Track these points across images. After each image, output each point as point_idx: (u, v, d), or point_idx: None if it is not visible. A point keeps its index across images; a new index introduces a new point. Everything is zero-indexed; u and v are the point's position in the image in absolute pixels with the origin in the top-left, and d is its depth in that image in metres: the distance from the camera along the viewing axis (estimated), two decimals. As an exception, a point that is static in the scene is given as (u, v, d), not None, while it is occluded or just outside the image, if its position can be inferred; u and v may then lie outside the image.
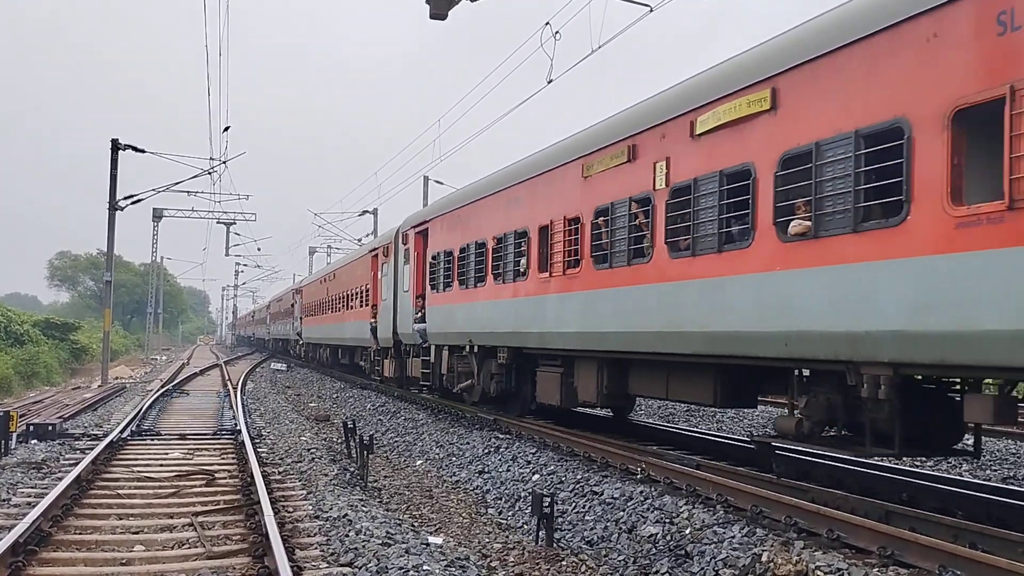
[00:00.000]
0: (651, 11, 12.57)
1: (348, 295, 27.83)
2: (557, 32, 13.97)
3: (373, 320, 23.13)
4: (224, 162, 31.64)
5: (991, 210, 5.50)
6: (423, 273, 17.92)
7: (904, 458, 10.52)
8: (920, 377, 7.01)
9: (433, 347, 17.27)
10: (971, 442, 7.62)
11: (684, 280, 8.67)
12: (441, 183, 33.28)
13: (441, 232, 16.87)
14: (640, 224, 9.52)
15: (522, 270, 12.64)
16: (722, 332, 8.11)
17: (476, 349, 14.74)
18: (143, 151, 28.83)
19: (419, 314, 17.91)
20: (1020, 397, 6.59)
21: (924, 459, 11.16)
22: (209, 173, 32.08)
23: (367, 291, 24.34)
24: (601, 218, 10.36)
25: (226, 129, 30.12)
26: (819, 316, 6.89)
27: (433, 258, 17.07)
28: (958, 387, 7.10)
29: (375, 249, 23.92)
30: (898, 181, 6.16)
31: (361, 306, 25.18)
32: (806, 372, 7.81)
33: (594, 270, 10.52)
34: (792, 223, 7.19)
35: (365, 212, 47.91)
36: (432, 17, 9.66)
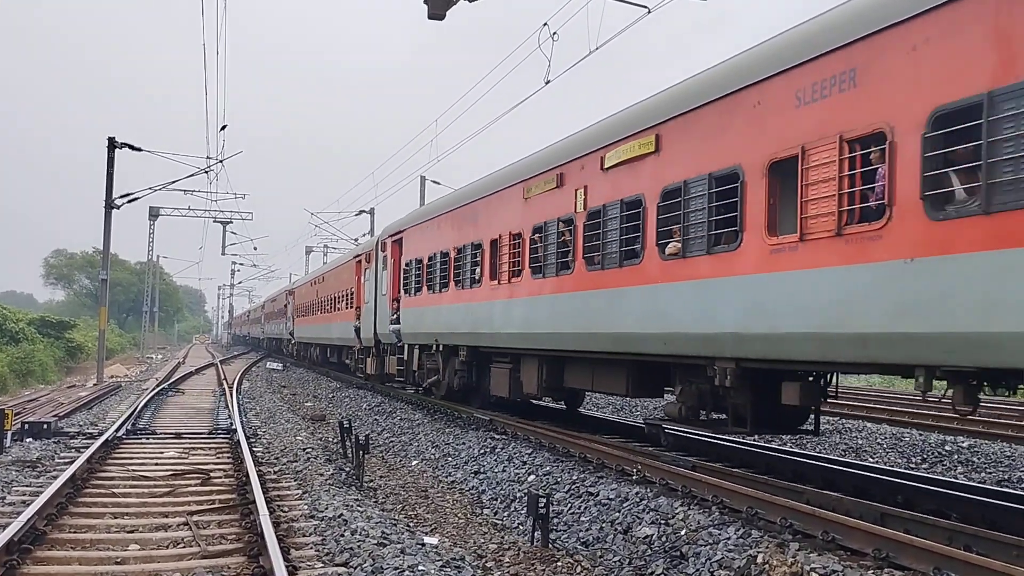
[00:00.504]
0: (648, 12, 13.16)
1: (335, 297, 30.06)
2: (555, 33, 14.58)
3: (357, 321, 25.36)
4: (221, 161, 32.67)
5: (790, 240, 7.42)
6: (398, 278, 20.09)
7: (757, 435, 12.08)
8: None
9: (406, 346, 19.38)
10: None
11: (596, 289, 10.64)
12: (438, 183, 34.39)
13: (413, 241, 19.02)
14: (566, 241, 11.49)
15: (477, 278, 14.71)
16: (623, 334, 10.06)
17: (441, 348, 16.85)
18: (140, 149, 29.57)
19: (395, 316, 20.07)
20: (827, 383, 8.45)
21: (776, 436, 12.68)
22: (206, 172, 33.08)
23: (352, 294, 26.58)
24: (537, 234, 12.36)
25: (223, 128, 30.61)
26: (686, 321, 8.84)
27: (406, 265, 19.22)
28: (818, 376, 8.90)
29: (359, 255, 26.17)
30: (735, 215, 8.08)
31: (347, 308, 27.41)
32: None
33: (532, 279, 12.50)
34: (668, 245, 9.13)
35: (362, 212, 48.58)
36: (430, 17, 9.96)
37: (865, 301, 6.63)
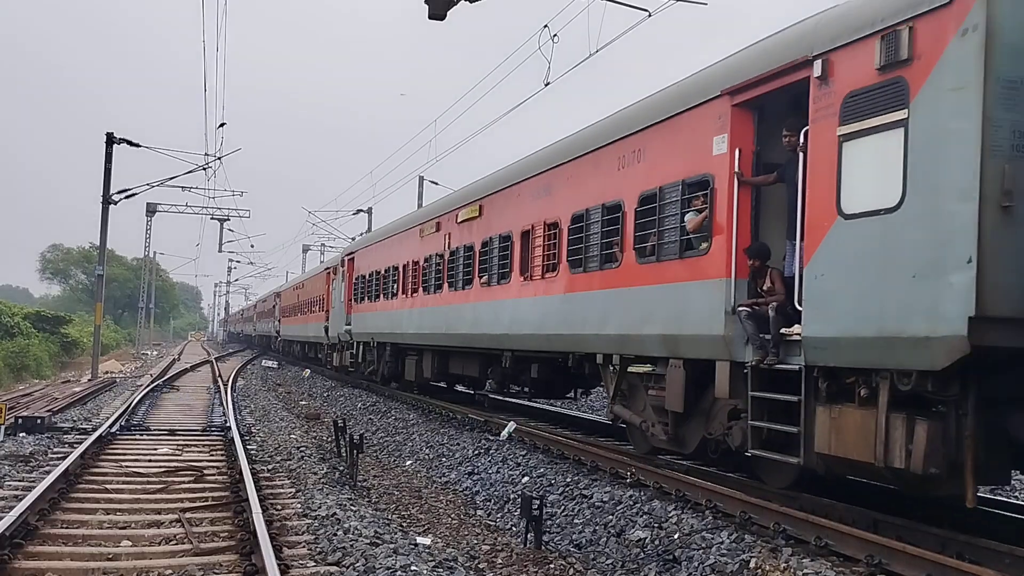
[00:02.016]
0: (649, 15, 14.69)
1: (311, 301, 38.26)
2: (555, 35, 16.30)
3: (326, 322, 33.17)
4: (219, 158, 36.06)
5: (526, 279, 14.00)
6: (352, 289, 27.70)
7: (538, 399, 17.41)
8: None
9: (355, 343, 26.92)
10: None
11: (453, 304, 17.47)
12: (436, 184, 38.51)
13: (361, 261, 26.74)
14: (440, 270, 18.23)
15: (395, 292, 21.95)
16: (464, 334, 16.88)
17: (376, 344, 24.23)
18: (138, 145, 31.92)
19: (348, 319, 27.70)
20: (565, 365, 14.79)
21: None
22: (204, 169, 36.21)
23: (323, 300, 34.50)
24: (426, 263, 19.39)
25: (222, 125, 33.57)
26: (489, 325, 15.52)
27: (356, 279, 26.92)
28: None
29: (328, 268, 34.37)
30: (508, 261, 14.59)
31: (319, 311, 35.47)
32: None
33: (424, 295, 19.49)
34: (482, 277, 15.69)
35: (359, 211, 52.20)
36: (431, 17, 10.84)
37: (550, 316, 13.16)
